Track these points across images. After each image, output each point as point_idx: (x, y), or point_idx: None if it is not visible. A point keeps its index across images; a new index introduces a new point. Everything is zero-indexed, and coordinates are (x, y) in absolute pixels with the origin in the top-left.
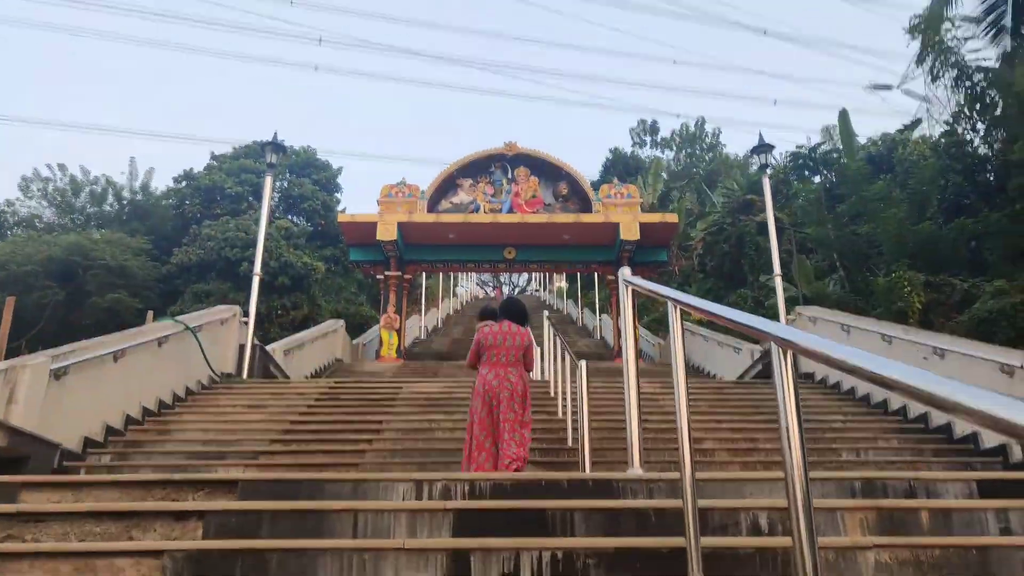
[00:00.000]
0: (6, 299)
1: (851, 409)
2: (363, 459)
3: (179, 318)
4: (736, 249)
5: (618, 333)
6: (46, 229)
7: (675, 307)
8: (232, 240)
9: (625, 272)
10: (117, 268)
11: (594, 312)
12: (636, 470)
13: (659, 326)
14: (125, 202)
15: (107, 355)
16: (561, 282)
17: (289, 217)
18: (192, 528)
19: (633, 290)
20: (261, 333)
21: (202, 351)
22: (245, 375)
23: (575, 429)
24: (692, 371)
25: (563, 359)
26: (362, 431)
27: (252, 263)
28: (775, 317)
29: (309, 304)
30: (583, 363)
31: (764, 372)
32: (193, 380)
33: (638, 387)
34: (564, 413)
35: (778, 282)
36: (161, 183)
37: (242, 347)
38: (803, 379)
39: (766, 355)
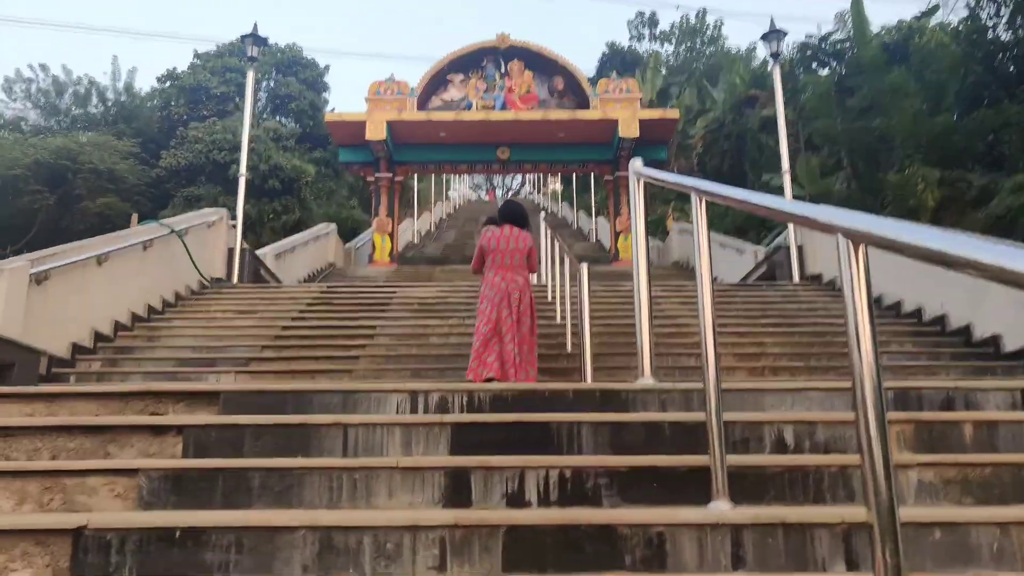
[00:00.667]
0: None
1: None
2: (356, 365)
3: (164, 221)
4: (737, 148)
5: (615, 235)
6: (32, 132)
7: (699, 198)
8: (220, 142)
9: (636, 164)
10: (106, 172)
11: (589, 215)
12: (647, 379)
13: (656, 228)
14: (110, 103)
15: (90, 259)
16: (556, 184)
17: (277, 118)
18: (171, 444)
19: (645, 182)
20: (253, 237)
21: (189, 255)
22: (235, 280)
23: (575, 335)
24: (689, 273)
25: (562, 262)
26: (355, 336)
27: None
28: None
29: (300, 208)
30: (584, 266)
31: (768, 274)
32: (182, 285)
33: (649, 289)
34: (563, 318)
35: (787, 180)
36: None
37: (231, 251)
38: (807, 281)
39: (771, 256)
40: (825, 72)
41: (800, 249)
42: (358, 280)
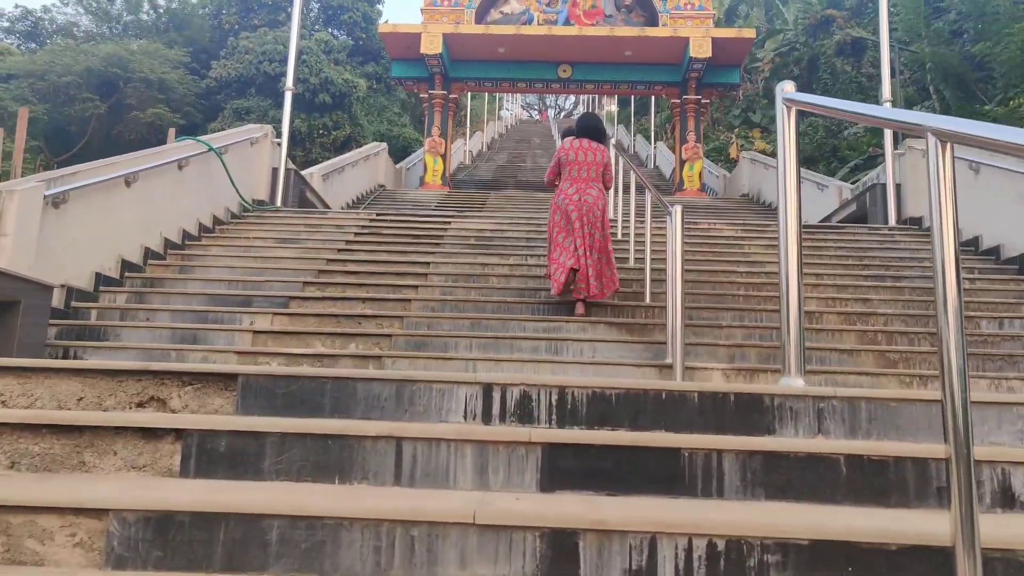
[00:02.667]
0: (20, 111)
1: (976, 263)
2: (408, 311)
3: (202, 137)
4: (808, 73)
5: (680, 163)
6: (85, 38)
7: (942, 144)
8: (270, 54)
9: (786, 87)
10: (156, 81)
11: (648, 139)
12: (794, 380)
13: (719, 155)
14: (161, 10)
15: (116, 179)
16: (611, 106)
17: (329, 30)
18: (167, 453)
19: (796, 112)
20: (302, 153)
21: (229, 175)
22: (279, 203)
23: (653, 281)
24: (762, 208)
25: (639, 193)
26: (406, 275)
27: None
28: (855, 152)
29: (351, 124)
30: (678, 209)
31: (858, 215)
32: (221, 208)
33: (799, 262)
34: (638, 262)
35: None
36: None
37: (275, 171)
38: (906, 225)
39: (862, 195)
40: None
41: (898, 188)
42: (408, 205)
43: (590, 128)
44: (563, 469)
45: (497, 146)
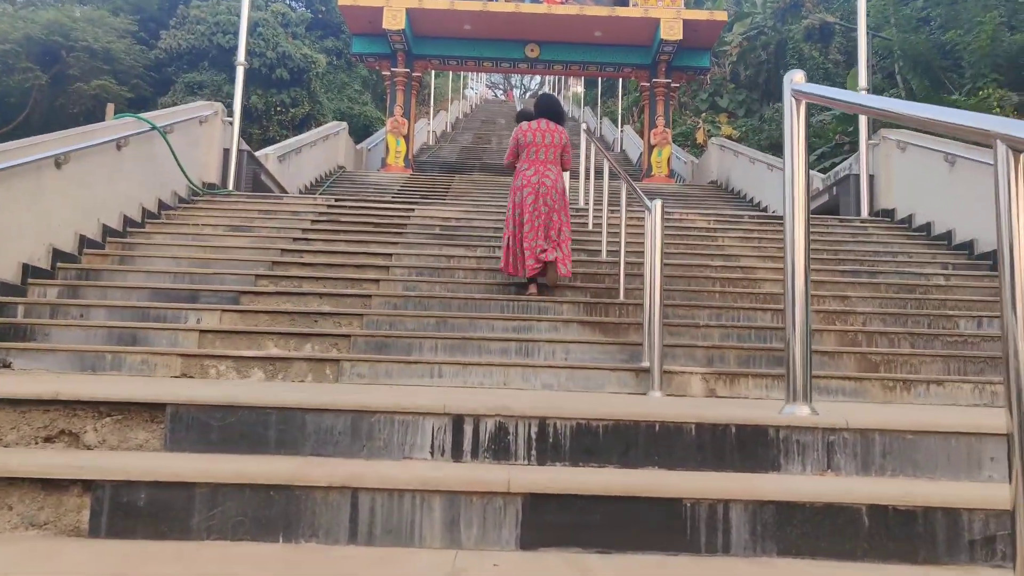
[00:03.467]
0: None
1: (949, 259)
2: (368, 309)
3: (144, 115)
4: (776, 58)
5: (648, 149)
6: (25, 3)
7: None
8: (224, 24)
9: (796, 77)
10: (101, 51)
11: (615, 123)
12: (800, 408)
13: (685, 140)
14: None
15: (44, 160)
16: (578, 87)
17: (287, 2)
18: (72, 508)
19: (806, 105)
20: (259, 131)
21: (175, 156)
22: (231, 186)
23: (627, 276)
24: (731, 196)
25: (606, 183)
26: (366, 267)
27: (248, 52)
28: (821, 139)
29: (310, 101)
30: (658, 203)
31: (830, 206)
32: (167, 192)
33: (807, 276)
34: (611, 255)
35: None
36: None
37: (227, 152)
38: (878, 217)
39: (834, 185)
40: None
41: (871, 179)
42: (370, 189)
43: (549, 109)
44: (547, 523)
45: (461, 126)
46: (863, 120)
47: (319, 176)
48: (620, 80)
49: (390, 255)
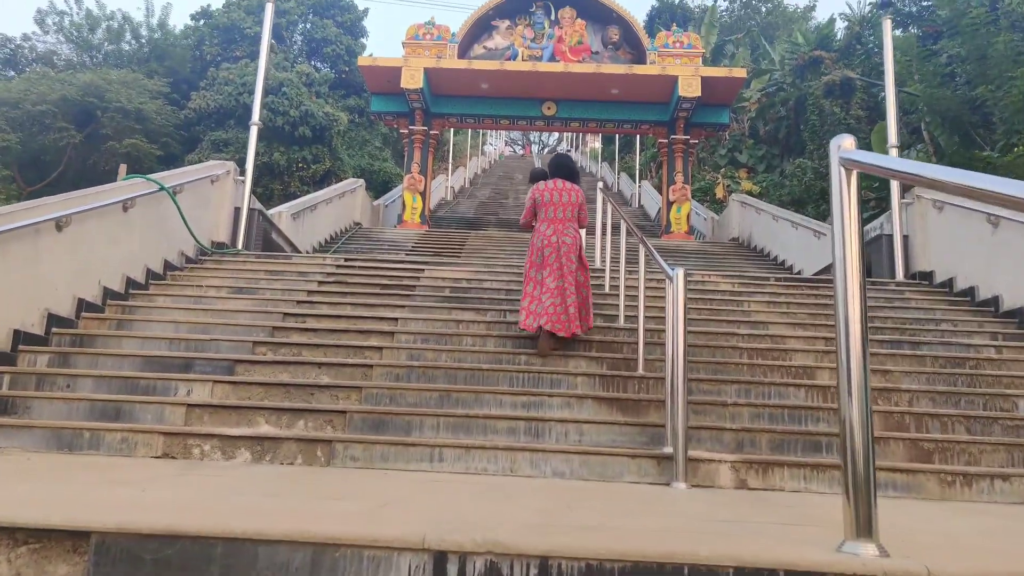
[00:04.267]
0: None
1: (998, 328)
2: (368, 381)
3: (153, 176)
4: (795, 114)
5: (667, 205)
6: (65, 67)
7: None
8: (250, 85)
9: (844, 143)
10: (133, 111)
11: (633, 178)
12: (863, 548)
13: (705, 196)
14: (143, 40)
15: (44, 223)
16: (595, 143)
17: (312, 63)
18: None
19: (856, 175)
20: (281, 187)
21: (182, 217)
22: (240, 245)
23: (647, 344)
24: (754, 254)
25: (623, 243)
26: (370, 333)
27: (272, 110)
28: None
29: (331, 158)
30: (680, 273)
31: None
32: (175, 252)
33: (865, 375)
34: (629, 320)
35: (894, 153)
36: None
37: (237, 211)
38: (914, 280)
39: (867, 246)
40: (899, 32)
41: (905, 240)
42: (384, 246)
43: (563, 168)
44: None
45: (480, 182)
46: (895, 182)
47: (335, 233)
48: (637, 136)
49: (396, 320)
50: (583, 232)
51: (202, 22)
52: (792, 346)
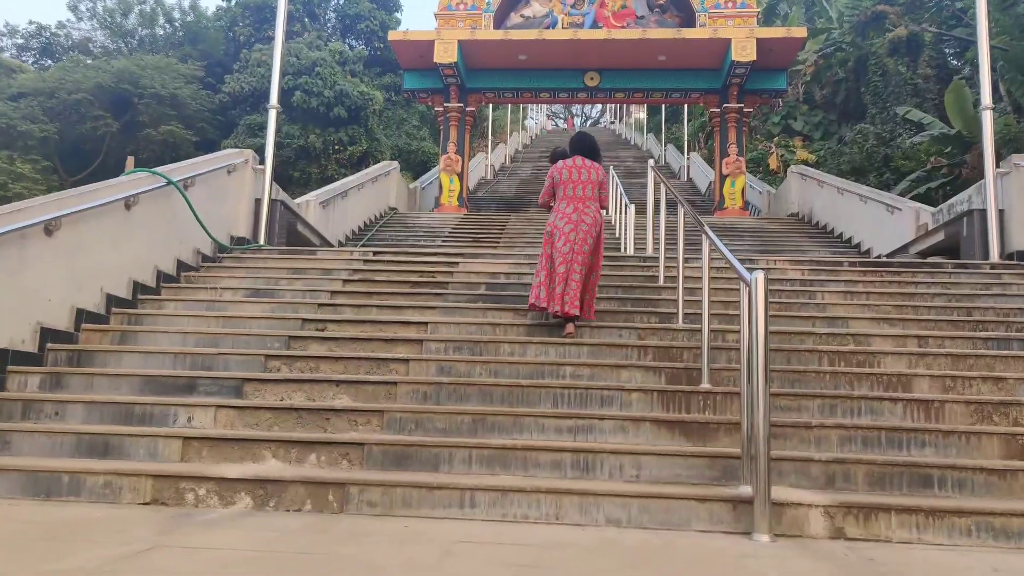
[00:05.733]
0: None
1: None
2: (392, 401)
3: (160, 169)
4: (856, 76)
5: (720, 179)
6: (101, 54)
7: None
8: (283, 66)
9: None
10: (168, 97)
11: (680, 150)
12: None
13: (757, 167)
14: (176, 24)
15: (31, 228)
16: (640, 113)
17: (346, 41)
18: None
19: None
20: (318, 170)
21: (193, 212)
22: (262, 239)
23: (712, 350)
24: (816, 231)
25: (681, 232)
26: (396, 342)
27: (306, 91)
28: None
29: (368, 139)
30: (760, 276)
31: (946, 245)
32: (189, 250)
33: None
34: (689, 320)
35: (987, 116)
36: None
37: (258, 202)
38: (1012, 261)
39: (951, 222)
40: None
41: (1000, 215)
42: (420, 232)
43: (584, 146)
44: None
45: (521, 158)
46: (988, 143)
47: (368, 220)
48: (686, 105)
49: (426, 325)
50: (604, 213)
51: (233, 2)
52: (879, 347)
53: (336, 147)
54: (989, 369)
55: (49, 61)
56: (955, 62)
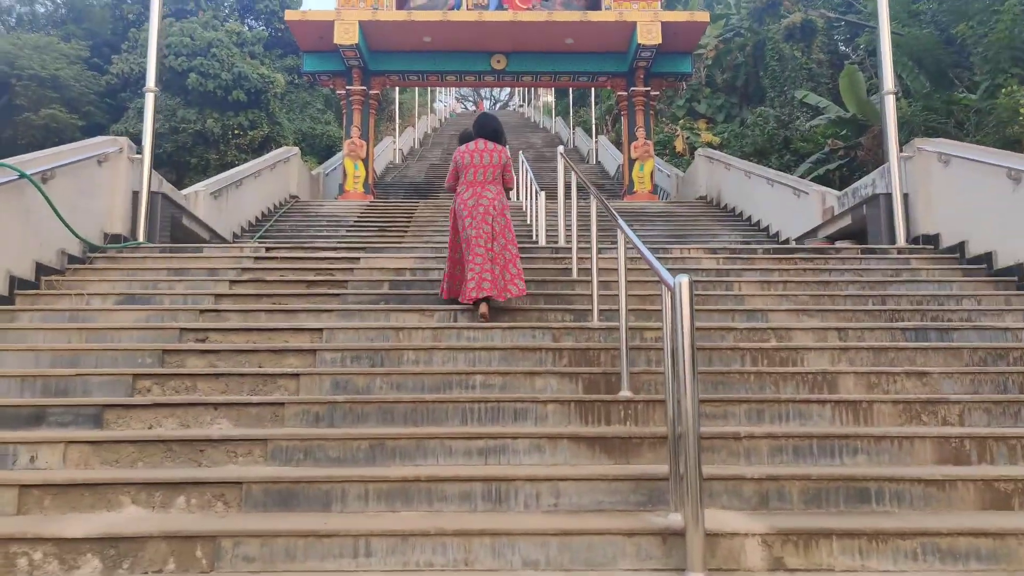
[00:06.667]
0: None
1: None
2: (279, 425)
3: (11, 160)
4: (754, 61)
5: (629, 163)
6: None
7: None
8: (176, 47)
9: None
10: (49, 79)
11: (588, 133)
12: None
13: (663, 149)
14: (59, 1)
15: None
16: (548, 96)
17: (246, 22)
18: None
19: None
20: (217, 156)
21: (53, 208)
22: (141, 236)
23: (632, 350)
24: (725, 214)
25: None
26: (287, 353)
27: (202, 74)
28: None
29: (269, 123)
30: (684, 280)
31: (853, 229)
32: (52, 251)
33: None
34: (604, 317)
35: (889, 101)
36: None
37: (136, 195)
38: (918, 245)
39: (857, 206)
40: None
41: (905, 198)
42: (323, 221)
43: (487, 129)
44: None
45: (430, 142)
46: (892, 127)
47: (267, 209)
48: (593, 88)
49: (320, 331)
50: (510, 194)
51: None
52: (801, 342)
53: (236, 132)
54: (911, 363)
55: None
56: (844, 48)
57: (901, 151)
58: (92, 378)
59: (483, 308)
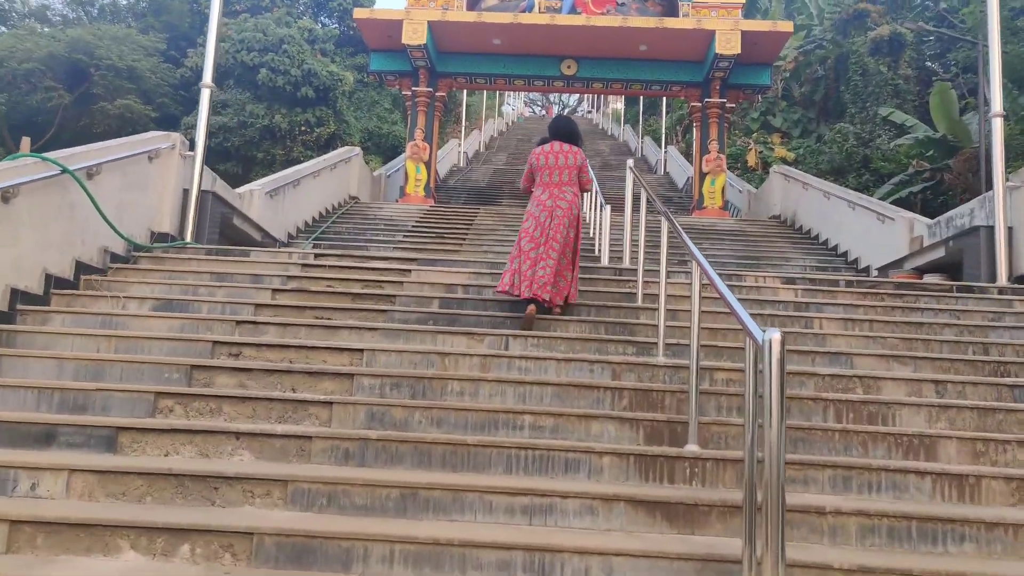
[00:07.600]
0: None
1: None
2: (302, 464)
3: (55, 154)
4: (835, 73)
5: (700, 176)
6: (60, 22)
7: None
8: (249, 42)
9: None
10: (126, 70)
11: (657, 142)
12: None
13: (735, 163)
14: None
15: None
16: (618, 104)
17: (319, 19)
18: None
19: None
20: (283, 152)
21: (95, 205)
22: (189, 236)
23: (703, 395)
24: (800, 236)
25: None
26: (323, 376)
27: (272, 69)
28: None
29: (336, 120)
30: (775, 336)
31: (945, 262)
32: (95, 249)
33: None
34: (671, 353)
35: (997, 124)
36: None
37: (186, 193)
38: (1021, 283)
39: (952, 239)
40: None
41: (1010, 232)
42: (380, 225)
43: (562, 131)
44: None
45: (496, 145)
46: (998, 152)
47: (325, 210)
48: (664, 98)
49: (361, 352)
50: (586, 197)
51: None
52: (892, 395)
53: (303, 128)
54: (1022, 428)
55: (2, 28)
56: (930, 64)
57: (1008, 180)
58: (114, 394)
59: (531, 309)
